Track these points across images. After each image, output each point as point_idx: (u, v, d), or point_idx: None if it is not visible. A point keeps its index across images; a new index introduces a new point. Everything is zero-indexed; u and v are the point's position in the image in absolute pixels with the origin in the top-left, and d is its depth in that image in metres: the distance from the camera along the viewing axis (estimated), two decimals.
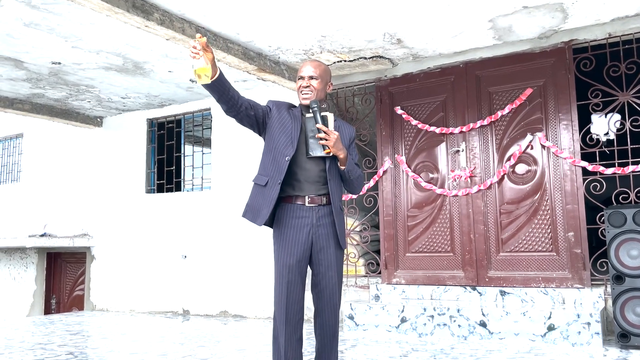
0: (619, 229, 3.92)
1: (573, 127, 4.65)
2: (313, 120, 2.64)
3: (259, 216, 2.66)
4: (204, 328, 5.33)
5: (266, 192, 2.65)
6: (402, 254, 5.35)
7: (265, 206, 2.64)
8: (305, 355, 3.56)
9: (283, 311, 2.59)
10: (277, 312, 2.62)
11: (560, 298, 4.48)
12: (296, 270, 2.64)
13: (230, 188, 6.31)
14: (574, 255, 4.54)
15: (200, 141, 6.91)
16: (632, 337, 3.78)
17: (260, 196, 2.68)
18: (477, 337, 4.29)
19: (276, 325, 2.63)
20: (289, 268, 2.62)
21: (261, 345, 4.34)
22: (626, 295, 3.83)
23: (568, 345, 3.95)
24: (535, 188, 4.77)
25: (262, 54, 5.11)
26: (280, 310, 2.60)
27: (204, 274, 6.35)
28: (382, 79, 5.60)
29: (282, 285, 2.61)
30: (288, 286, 2.62)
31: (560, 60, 4.75)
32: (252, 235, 6.07)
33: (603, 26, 4.57)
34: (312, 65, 2.73)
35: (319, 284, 2.71)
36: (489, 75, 5.09)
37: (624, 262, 3.87)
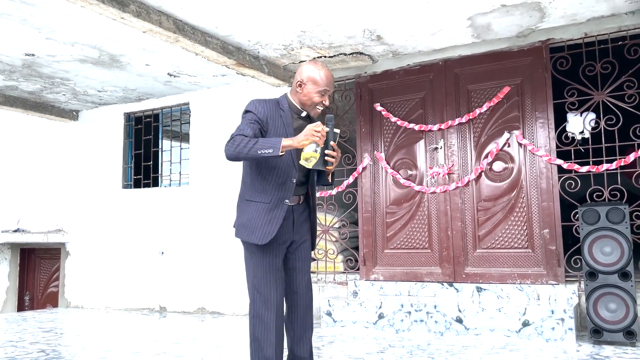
0: (592, 227, 3.98)
1: (549, 125, 4.71)
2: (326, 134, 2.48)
3: (267, 234, 2.50)
4: (180, 325, 5.27)
5: (273, 212, 2.52)
6: (381, 250, 5.36)
7: (273, 224, 2.51)
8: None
9: (273, 311, 2.50)
10: (264, 313, 2.50)
11: (535, 294, 4.53)
12: (281, 268, 2.61)
13: (208, 184, 6.25)
14: (549, 252, 4.60)
15: (179, 136, 6.82)
16: (605, 333, 3.84)
17: (264, 215, 2.52)
18: (453, 333, 4.32)
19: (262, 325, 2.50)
20: (275, 267, 2.57)
21: (238, 342, 4.31)
22: (599, 291, 3.90)
23: (542, 340, 4.00)
24: (512, 185, 4.82)
25: (241, 48, 5.06)
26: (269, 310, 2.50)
27: (182, 270, 6.28)
28: (362, 75, 5.60)
29: (271, 285, 2.53)
30: (277, 285, 2.55)
31: (537, 59, 4.79)
32: (230, 232, 6.01)
33: (579, 26, 4.62)
34: (331, 79, 2.60)
35: (296, 279, 2.69)
36: (467, 73, 5.12)
37: (597, 258, 3.93)
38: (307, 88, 2.56)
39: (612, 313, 3.84)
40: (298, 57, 5.34)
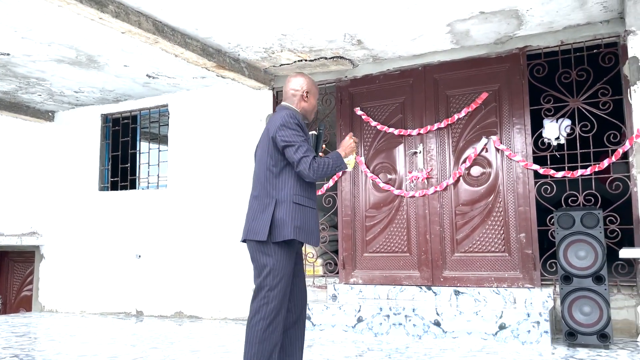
0: (567, 231, 4.04)
1: (526, 131, 4.78)
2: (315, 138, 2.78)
3: (318, 237, 2.73)
4: (157, 329, 5.21)
5: (315, 213, 2.73)
6: (360, 254, 5.38)
7: (317, 226, 2.73)
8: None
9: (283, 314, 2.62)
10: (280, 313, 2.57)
11: (511, 297, 4.59)
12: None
13: (187, 186, 6.20)
14: (525, 255, 4.66)
15: (157, 138, 6.76)
16: (579, 336, 3.91)
17: (315, 219, 2.70)
18: (431, 336, 4.35)
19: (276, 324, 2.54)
20: (289, 275, 2.66)
21: (216, 346, 4.28)
22: (574, 294, 3.96)
23: (518, 343, 4.05)
24: (489, 190, 4.88)
25: (221, 50, 5.04)
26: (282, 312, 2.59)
27: (159, 274, 6.21)
28: (342, 79, 5.62)
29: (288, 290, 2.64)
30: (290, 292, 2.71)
31: (514, 65, 4.87)
32: (208, 235, 5.98)
33: (556, 34, 4.71)
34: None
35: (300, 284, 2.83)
36: (446, 79, 5.17)
37: (572, 262, 4.00)
38: (312, 98, 2.83)
39: (586, 316, 3.91)
40: (279, 60, 5.33)
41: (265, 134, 2.73)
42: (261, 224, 2.59)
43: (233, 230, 5.86)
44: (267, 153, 2.67)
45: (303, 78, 2.83)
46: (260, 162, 2.71)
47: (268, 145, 2.66)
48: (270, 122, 2.75)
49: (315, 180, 2.65)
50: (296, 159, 2.56)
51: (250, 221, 2.67)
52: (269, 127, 2.71)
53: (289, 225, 2.55)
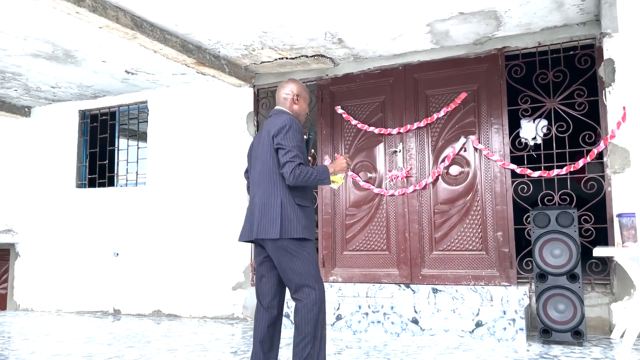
0: (543, 230, 4.10)
1: (504, 131, 4.84)
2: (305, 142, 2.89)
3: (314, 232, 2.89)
4: (135, 328, 5.16)
5: (312, 211, 2.89)
6: (340, 252, 5.39)
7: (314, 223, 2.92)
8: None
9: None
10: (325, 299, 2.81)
11: (488, 295, 4.64)
12: None
13: (166, 184, 6.14)
14: (502, 254, 4.72)
15: (136, 135, 6.68)
16: (554, 333, 3.97)
17: (312, 215, 2.87)
18: (409, 334, 4.38)
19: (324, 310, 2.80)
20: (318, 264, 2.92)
21: (194, 345, 4.25)
22: (548, 292, 4.02)
23: (494, 341, 4.10)
24: (468, 189, 4.93)
25: (201, 47, 5.00)
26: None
27: (137, 272, 6.15)
28: (323, 78, 5.62)
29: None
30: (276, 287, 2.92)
31: (493, 66, 4.92)
32: (188, 234, 5.94)
33: (533, 35, 4.77)
34: None
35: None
36: (426, 79, 5.20)
37: (547, 261, 4.06)
38: (302, 101, 2.98)
39: (560, 313, 3.97)
40: (259, 58, 5.31)
41: (266, 135, 2.82)
42: (273, 223, 2.70)
43: (212, 228, 5.83)
44: (269, 155, 2.78)
45: (293, 84, 3.00)
46: (263, 164, 2.81)
47: (270, 148, 2.77)
48: (269, 125, 2.84)
49: (297, 185, 2.74)
50: (283, 162, 2.69)
51: (259, 221, 2.75)
52: (269, 129, 2.80)
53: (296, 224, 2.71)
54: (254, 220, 2.78)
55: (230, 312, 5.67)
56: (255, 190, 2.86)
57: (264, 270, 2.89)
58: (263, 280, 2.88)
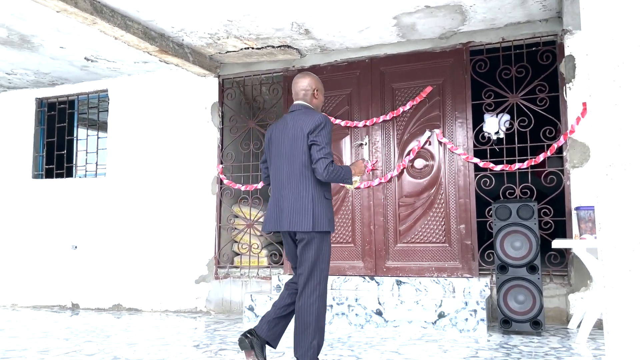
0: (504, 222, 4.18)
1: (467, 125, 4.90)
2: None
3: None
4: (93, 322, 5.02)
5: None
6: None
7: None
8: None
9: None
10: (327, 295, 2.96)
11: (451, 287, 4.71)
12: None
13: (127, 175, 5.99)
14: (464, 246, 4.79)
15: (96, 124, 6.48)
16: (513, 323, 4.06)
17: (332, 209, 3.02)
18: (373, 326, 4.40)
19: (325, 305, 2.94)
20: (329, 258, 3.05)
21: (155, 339, 4.17)
22: (509, 284, 4.10)
23: (456, 331, 4.16)
24: (432, 182, 4.98)
25: (164, 34, 4.88)
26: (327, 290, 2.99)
27: (96, 265, 5.99)
28: (290, 69, 5.57)
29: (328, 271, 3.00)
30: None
31: (458, 60, 4.97)
32: (149, 226, 5.81)
33: (498, 31, 4.84)
34: None
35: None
36: (392, 72, 5.22)
37: (508, 253, 4.14)
38: (320, 95, 3.11)
39: (520, 304, 4.06)
40: (225, 47, 5.22)
41: (298, 131, 2.91)
42: (306, 216, 2.84)
43: (175, 221, 5.73)
44: (301, 151, 2.89)
45: (310, 78, 3.09)
46: (294, 159, 2.91)
47: (303, 143, 2.89)
48: (300, 121, 2.94)
49: (325, 181, 2.91)
50: (316, 157, 2.83)
51: (293, 214, 2.88)
52: (302, 126, 2.90)
53: (325, 218, 2.89)
54: (282, 212, 2.91)
55: (193, 306, 5.59)
56: (282, 184, 2.95)
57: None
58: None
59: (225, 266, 5.59)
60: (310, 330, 2.83)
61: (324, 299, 2.89)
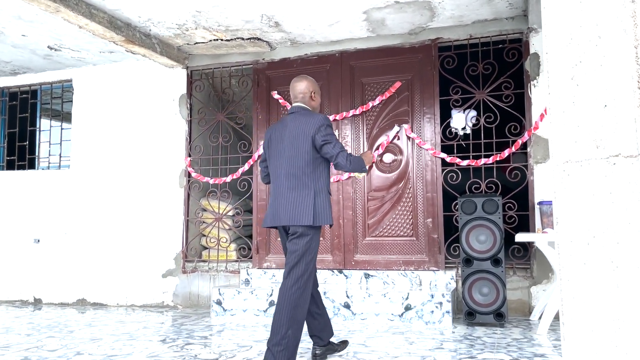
0: (470, 216, 4.26)
1: (435, 120, 4.96)
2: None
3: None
4: (57, 317, 4.92)
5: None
6: (274, 238, 5.36)
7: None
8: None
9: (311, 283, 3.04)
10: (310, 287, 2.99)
11: (417, 280, 4.78)
12: None
13: (92, 168, 5.86)
14: (431, 240, 4.86)
15: (60, 115, 6.32)
16: (478, 315, 4.15)
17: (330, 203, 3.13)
18: (341, 318, 4.43)
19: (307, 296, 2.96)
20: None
21: (120, 334, 4.11)
22: (474, 276, 4.19)
23: (422, 323, 4.23)
24: (400, 177, 5.03)
25: (130, 24, 4.78)
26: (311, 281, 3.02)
27: (60, 259, 5.86)
28: (259, 61, 5.53)
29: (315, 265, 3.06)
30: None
31: (427, 56, 5.02)
32: (114, 219, 5.71)
33: (465, 27, 4.91)
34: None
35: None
36: (362, 67, 5.24)
37: (473, 246, 4.22)
38: (317, 97, 3.23)
39: (484, 297, 4.15)
40: (193, 38, 5.15)
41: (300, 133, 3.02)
42: (306, 211, 2.93)
43: (142, 214, 5.64)
44: (304, 150, 2.99)
45: (307, 81, 3.21)
46: (296, 158, 3.01)
47: (305, 143, 2.99)
48: (300, 123, 3.04)
49: (348, 171, 3.12)
50: (334, 153, 2.97)
51: (292, 209, 2.96)
52: (304, 128, 3.01)
53: (327, 212, 3.00)
54: (280, 208, 2.99)
55: (160, 300, 5.52)
56: (282, 181, 3.03)
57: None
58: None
59: (193, 260, 5.54)
60: (284, 319, 2.84)
61: (304, 291, 2.92)
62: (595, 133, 1.44)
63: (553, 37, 1.55)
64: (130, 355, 3.39)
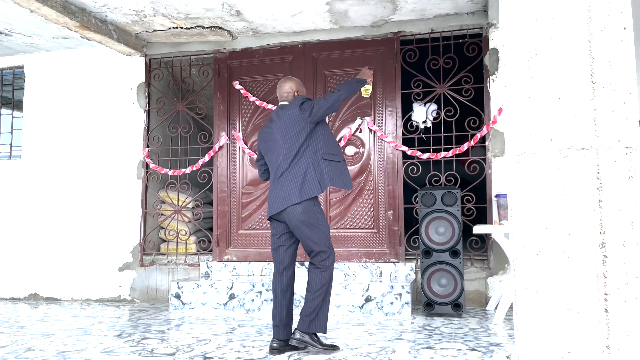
0: (429, 208, 4.31)
1: (397, 113, 4.99)
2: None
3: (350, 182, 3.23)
4: (7, 313, 4.73)
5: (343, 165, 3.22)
6: (235, 231, 5.30)
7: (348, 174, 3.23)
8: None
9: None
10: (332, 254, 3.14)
11: (378, 272, 4.81)
12: None
13: (45, 158, 5.65)
14: (392, 232, 4.90)
15: (10, 103, 6.06)
16: (436, 306, 4.21)
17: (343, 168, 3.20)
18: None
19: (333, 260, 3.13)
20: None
21: (74, 329, 3.98)
22: (432, 268, 4.24)
23: (382, 315, 4.26)
24: (362, 169, 5.04)
25: (85, 9, 4.61)
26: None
27: (10, 252, 5.63)
28: (221, 51, 5.43)
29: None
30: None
31: (389, 49, 5.04)
32: (69, 211, 5.53)
33: (427, 21, 4.94)
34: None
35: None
36: (325, 58, 5.22)
37: (432, 238, 4.27)
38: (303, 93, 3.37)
39: (442, 287, 4.21)
40: (152, 26, 5.01)
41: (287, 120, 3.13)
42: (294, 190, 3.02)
43: (97, 206, 5.48)
44: (295, 132, 3.09)
45: (291, 82, 3.37)
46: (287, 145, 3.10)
47: (293, 127, 3.09)
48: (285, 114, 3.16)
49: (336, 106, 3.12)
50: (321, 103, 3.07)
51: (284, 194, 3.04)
52: (286, 113, 3.15)
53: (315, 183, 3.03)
54: (277, 195, 3.08)
55: (117, 294, 5.39)
56: (280, 170, 3.11)
57: (282, 241, 3.17)
58: (280, 250, 3.18)
59: (151, 253, 5.42)
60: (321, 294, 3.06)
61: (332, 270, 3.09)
62: (549, 125, 1.46)
63: (510, 30, 1.56)
64: (84, 350, 3.29)
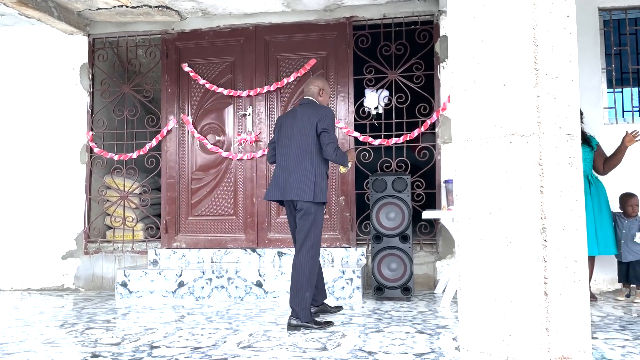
0: (380, 194, 4.34)
1: (349, 99, 4.99)
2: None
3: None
4: None
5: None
6: (185, 217, 5.19)
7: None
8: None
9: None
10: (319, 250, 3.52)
11: (330, 257, 4.83)
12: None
13: None
14: (344, 217, 4.92)
15: None
16: (386, 290, 4.27)
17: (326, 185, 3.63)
18: (253, 297, 4.39)
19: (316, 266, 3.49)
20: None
21: (13, 319, 3.81)
22: (383, 252, 4.29)
23: (333, 300, 4.28)
24: None
25: None
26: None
27: None
28: (169, 32, 5.26)
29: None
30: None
31: (341, 34, 5.01)
32: (7, 197, 5.27)
33: (379, 7, 4.94)
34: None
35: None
36: (277, 42, 5.14)
37: (383, 223, 4.31)
38: (325, 95, 3.70)
39: (392, 272, 4.27)
40: (95, 3, 4.79)
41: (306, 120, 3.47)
42: (308, 189, 3.39)
43: (39, 192, 5.24)
44: (309, 136, 3.45)
45: (320, 80, 3.72)
46: (301, 141, 3.46)
47: (310, 129, 3.45)
48: (308, 112, 3.50)
49: (332, 160, 3.49)
50: (327, 142, 3.42)
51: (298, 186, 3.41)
52: (310, 116, 3.47)
53: (324, 192, 3.48)
54: (288, 185, 3.44)
55: (60, 283, 5.19)
56: (290, 162, 3.47)
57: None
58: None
59: (96, 240, 5.24)
60: (303, 283, 3.35)
61: (315, 258, 3.44)
62: (494, 112, 1.48)
63: (457, 16, 1.56)
64: (23, 342, 3.15)
